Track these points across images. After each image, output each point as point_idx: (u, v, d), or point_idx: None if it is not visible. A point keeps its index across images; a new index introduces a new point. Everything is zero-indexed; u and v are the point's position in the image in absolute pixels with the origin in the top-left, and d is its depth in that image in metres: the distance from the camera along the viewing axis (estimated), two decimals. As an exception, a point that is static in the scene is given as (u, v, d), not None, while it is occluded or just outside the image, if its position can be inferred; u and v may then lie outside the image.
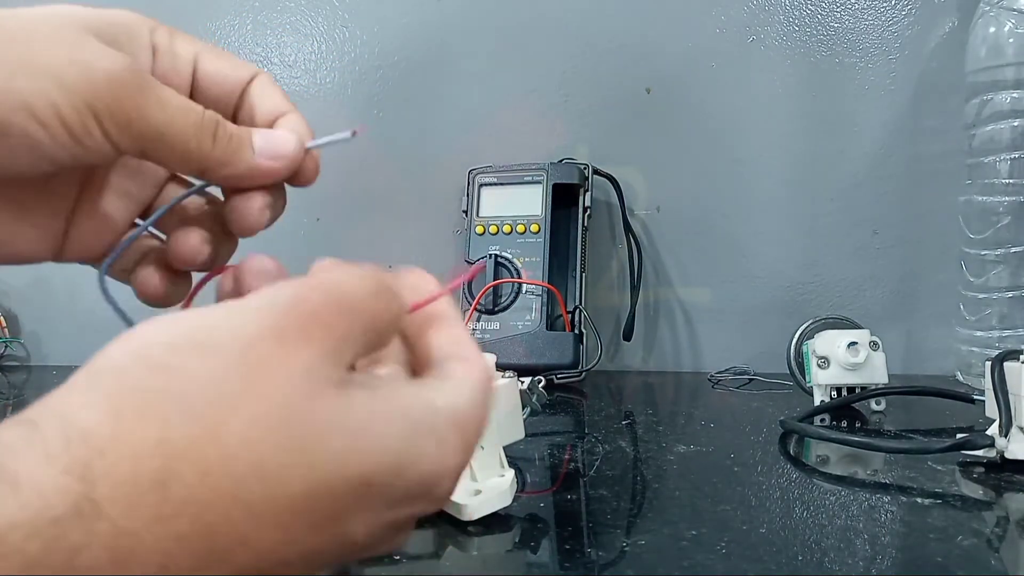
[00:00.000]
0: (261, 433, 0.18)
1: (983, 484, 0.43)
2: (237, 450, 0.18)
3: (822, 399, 0.61)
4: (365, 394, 0.20)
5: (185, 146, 0.25)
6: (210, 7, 0.95)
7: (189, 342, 0.19)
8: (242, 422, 0.18)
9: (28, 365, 0.99)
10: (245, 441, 0.18)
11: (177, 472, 0.17)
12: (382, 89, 0.92)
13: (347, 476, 0.19)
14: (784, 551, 0.34)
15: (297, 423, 0.19)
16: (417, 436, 0.20)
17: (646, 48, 0.87)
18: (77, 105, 0.23)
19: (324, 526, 0.19)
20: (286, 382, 0.19)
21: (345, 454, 0.19)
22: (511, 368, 0.43)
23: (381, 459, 0.20)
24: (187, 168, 0.26)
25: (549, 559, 0.35)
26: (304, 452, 0.18)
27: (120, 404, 0.17)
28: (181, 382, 0.18)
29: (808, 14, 0.84)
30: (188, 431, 0.17)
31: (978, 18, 0.70)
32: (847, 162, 0.83)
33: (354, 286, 0.21)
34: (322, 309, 0.20)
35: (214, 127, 0.26)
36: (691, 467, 0.48)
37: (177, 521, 0.17)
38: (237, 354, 0.19)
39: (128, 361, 0.18)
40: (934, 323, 0.81)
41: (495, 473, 0.39)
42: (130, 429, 0.17)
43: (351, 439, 0.19)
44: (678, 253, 0.87)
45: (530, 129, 0.89)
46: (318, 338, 0.20)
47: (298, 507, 0.18)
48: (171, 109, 0.25)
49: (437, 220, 0.90)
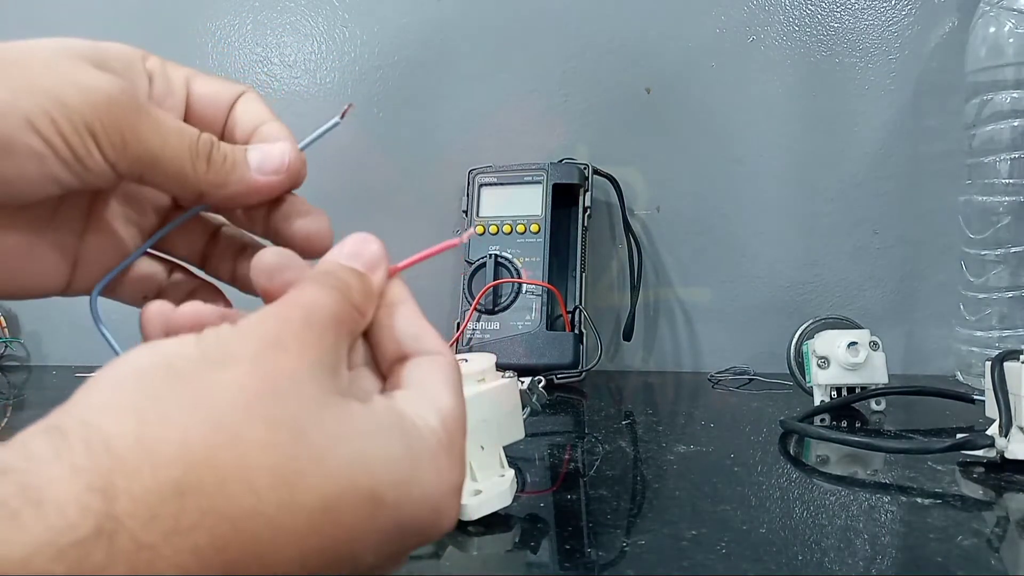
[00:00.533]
0: (278, 438, 0.18)
1: (983, 484, 0.43)
2: (255, 457, 0.18)
3: (822, 399, 0.61)
4: (362, 406, 0.21)
5: (181, 169, 0.25)
6: (210, 7, 0.95)
7: (204, 355, 0.19)
8: (259, 429, 0.18)
9: (28, 365, 0.99)
10: (263, 447, 0.18)
11: (196, 481, 0.17)
12: (382, 89, 0.92)
13: (358, 489, 0.19)
14: (784, 551, 0.34)
15: (312, 429, 0.19)
16: (415, 457, 0.21)
17: (646, 48, 0.87)
18: (76, 124, 0.23)
19: (337, 549, 0.19)
20: (298, 389, 0.19)
21: (353, 464, 0.19)
22: (511, 368, 0.43)
23: (386, 473, 0.20)
24: (184, 192, 0.26)
25: (549, 559, 0.35)
26: (319, 460, 0.19)
27: (143, 410, 0.18)
28: (201, 391, 0.18)
29: (808, 14, 0.84)
30: (208, 438, 0.18)
31: (978, 18, 0.70)
32: (847, 162, 0.83)
33: (323, 296, 0.22)
34: (306, 323, 0.21)
35: (208, 149, 0.26)
36: (691, 467, 0.48)
37: (195, 534, 0.17)
38: (249, 364, 0.19)
39: (151, 369, 0.19)
40: (934, 323, 0.81)
41: (495, 473, 0.39)
42: (152, 436, 0.17)
43: (359, 449, 0.19)
44: (678, 253, 0.87)
45: (530, 129, 0.89)
46: (314, 348, 0.20)
47: (315, 521, 0.18)
48: (165, 132, 0.25)
49: (437, 220, 0.90)
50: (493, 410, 0.40)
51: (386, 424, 0.21)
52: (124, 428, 0.17)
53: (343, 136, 0.91)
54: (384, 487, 0.20)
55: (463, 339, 0.79)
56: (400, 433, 0.21)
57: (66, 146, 0.23)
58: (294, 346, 0.20)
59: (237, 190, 0.27)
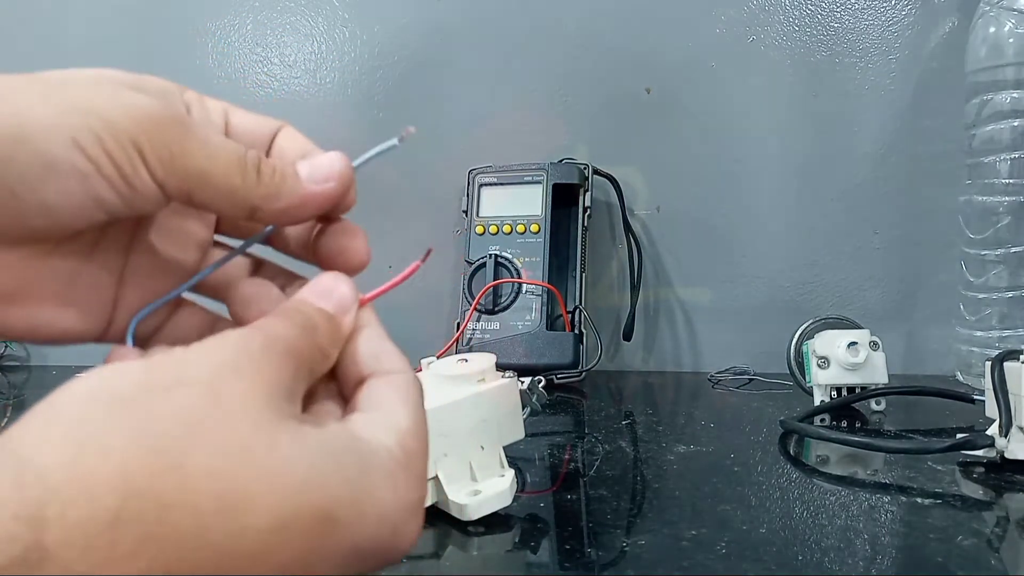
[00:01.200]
0: (226, 464, 0.18)
1: (983, 484, 0.43)
2: (200, 482, 0.17)
3: (822, 399, 0.61)
4: (315, 429, 0.20)
5: (230, 182, 0.24)
6: (210, 7, 0.95)
7: (151, 380, 0.19)
8: (206, 454, 0.18)
9: (28, 365, 0.99)
10: (209, 473, 0.18)
11: (135, 510, 0.17)
12: (382, 89, 0.92)
13: (313, 507, 0.19)
14: (784, 551, 0.34)
15: (262, 452, 0.18)
16: (370, 476, 0.21)
17: (646, 48, 0.87)
18: (122, 141, 0.23)
19: (290, 571, 0.18)
20: (249, 412, 0.19)
21: (305, 485, 0.19)
22: (511, 368, 0.43)
23: (340, 492, 0.19)
24: (236, 207, 0.25)
25: (549, 559, 0.35)
26: (268, 483, 0.18)
27: (81, 440, 0.17)
28: (145, 417, 0.18)
29: (808, 14, 0.84)
30: (149, 466, 0.17)
31: (978, 18, 0.70)
32: (847, 162, 0.83)
33: (286, 329, 0.22)
34: (264, 351, 0.21)
35: (257, 162, 0.25)
36: (691, 467, 0.48)
37: (135, 562, 0.16)
38: (200, 388, 0.19)
39: (91, 397, 0.18)
40: (934, 323, 0.81)
41: (495, 473, 0.39)
42: (89, 465, 0.17)
43: (310, 470, 0.19)
44: (678, 253, 0.87)
45: (530, 129, 0.89)
46: (270, 374, 0.20)
47: (266, 544, 0.18)
48: (213, 146, 0.24)
49: (437, 220, 0.90)
50: (493, 410, 0.40)
51: (339, 446, 0.20)
52: (60, 459, 0.17)
53: (343, 136, 0.92)
54: (337, 507, 0.19)
55: (463, 339, 0.79)
56: (353, 453, 0.21)
57: (112, 165, 0.23)
58: (248, 371, 0.20)
59: (290, 202, 0.26)
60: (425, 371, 0.43)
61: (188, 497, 0.17)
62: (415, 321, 0.89)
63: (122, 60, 0.96)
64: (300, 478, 0.19)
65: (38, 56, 0.97)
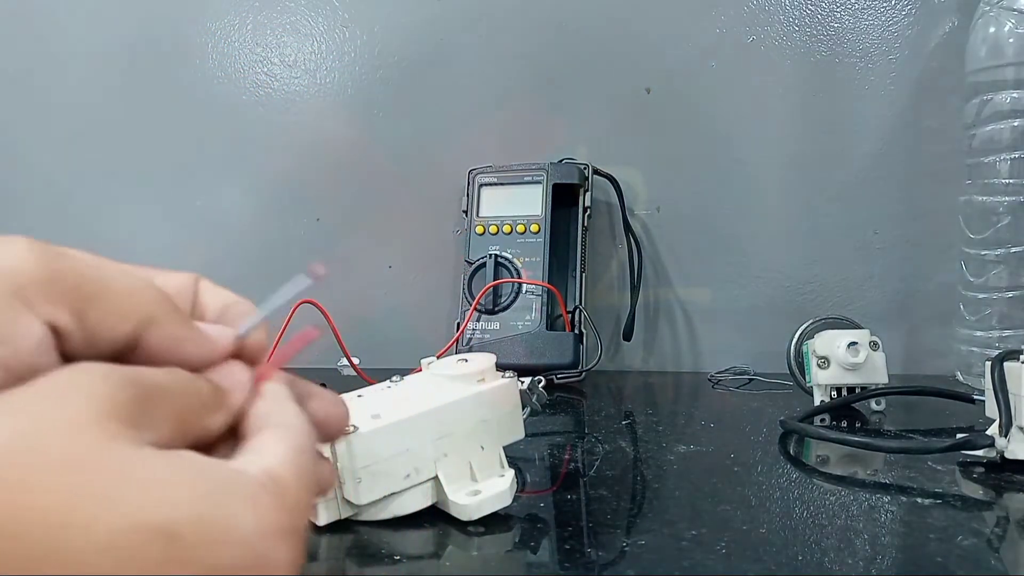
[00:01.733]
0: (51, 481, 0.17)
1: (983, 484, 0.43)
2: (20, 502, 0.17)
3: (822, 399, 0.61)
4: (161, 454, 0.20)
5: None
6: (210, 7, 0.95)
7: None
8: (34, 473, 0.17)
9: None
10: (29, 492, 0.17)
11: None
12: (382, 89, 0.92)
13: (148, 525, 0.18)
14: (784, 551, 0.34)
15: (93, 471, 0.18)
16: (224, 495, 0.20)
17: (646, 48, 0.87)
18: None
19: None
20: (82, 433, 0.18)
21: (143, 501, 0.18)
22: (511, 368, 0.43)
23: (182, 510, 0.19)
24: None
25: (549, 559, 0.35)
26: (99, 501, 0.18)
27: None
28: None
29: (808, 14, 0.84)
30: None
31: (978, 18, 0.70)
32: (847, 162, 0.83)
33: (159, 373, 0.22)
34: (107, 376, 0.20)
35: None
36: (691, 467, 0.48)
37: None
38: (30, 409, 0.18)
39: None
40: (934, 323, 0.81)
41: (495, 473, 0.39)
42: None
43: (152, 487, 0.19)
44: (678, 253, 0.87)
45: (530, 129, 0.89)
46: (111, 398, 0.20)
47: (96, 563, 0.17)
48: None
49: (437, 220, 0.90)
50: (493, 410, 0.40)
51: (189, 467, 0.20)
52: None
53: (343, 136, 0.92)
54: (181, 524, 0.18)
55: (463, 339, 0.79)
56: (207, 475, 0.20)
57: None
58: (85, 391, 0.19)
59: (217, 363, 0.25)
60: (425, 371, 0.43)
61: (18, 513, 0.17)
62: (415, 321, 0.89)
63: (122, 60, 0.97)
64: (134, 497, 0.18)
65: (37, 56, 0.97)
